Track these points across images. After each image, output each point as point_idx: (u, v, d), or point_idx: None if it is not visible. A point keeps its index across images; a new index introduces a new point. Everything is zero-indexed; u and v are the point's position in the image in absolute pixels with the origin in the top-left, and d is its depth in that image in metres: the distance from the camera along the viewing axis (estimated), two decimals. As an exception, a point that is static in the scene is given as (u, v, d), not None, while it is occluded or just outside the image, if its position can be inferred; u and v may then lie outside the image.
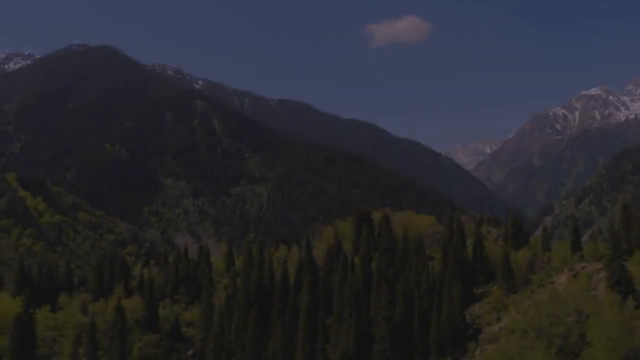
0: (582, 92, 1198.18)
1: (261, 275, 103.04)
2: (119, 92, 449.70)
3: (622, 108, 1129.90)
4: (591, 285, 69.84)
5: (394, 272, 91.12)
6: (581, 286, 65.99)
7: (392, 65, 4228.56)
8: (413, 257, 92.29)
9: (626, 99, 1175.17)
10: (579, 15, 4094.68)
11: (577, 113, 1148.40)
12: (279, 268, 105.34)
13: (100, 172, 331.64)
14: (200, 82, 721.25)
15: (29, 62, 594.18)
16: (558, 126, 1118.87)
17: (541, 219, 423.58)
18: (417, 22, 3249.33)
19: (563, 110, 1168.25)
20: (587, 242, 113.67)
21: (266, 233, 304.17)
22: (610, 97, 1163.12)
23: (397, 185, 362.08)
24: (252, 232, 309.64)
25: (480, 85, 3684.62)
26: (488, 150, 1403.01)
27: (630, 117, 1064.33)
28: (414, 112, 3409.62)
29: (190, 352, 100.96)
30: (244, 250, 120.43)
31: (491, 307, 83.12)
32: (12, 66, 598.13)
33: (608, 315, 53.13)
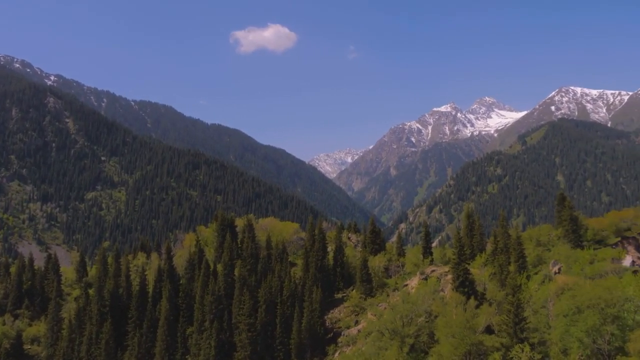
0: (435, 109, 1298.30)
1: (117, 284, 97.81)
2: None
3: (468, 125, 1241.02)
4: (439, 287, 75.04)
5: (256, 278, 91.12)
6: (430, 288, 70.68)
7: (258, 73, 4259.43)
8: (276, 264, 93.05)
9: (472, 116, 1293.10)
10: (433, 37, 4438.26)
11: (430, 128, 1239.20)
12: (136, 277, 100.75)
13: None
14: (52, 77, 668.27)
15: None
16: (413, 139, 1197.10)
17: (397, 226, 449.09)
18: (284, 31, 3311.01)
19: (418, 125, 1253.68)
20: (436, 247, 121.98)
21: (124, 241, 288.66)
22: (459, 115, 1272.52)
23: (261, 192, 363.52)
24: (108, 239, 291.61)
25: (344, 96, 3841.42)
26: (349, 160, 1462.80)
27: (475, 133, 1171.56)
28: (280, 119, 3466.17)
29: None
30: (98, 259, 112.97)
31: (350, 310, 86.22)
32: None
33: (453, 314, 57.44)
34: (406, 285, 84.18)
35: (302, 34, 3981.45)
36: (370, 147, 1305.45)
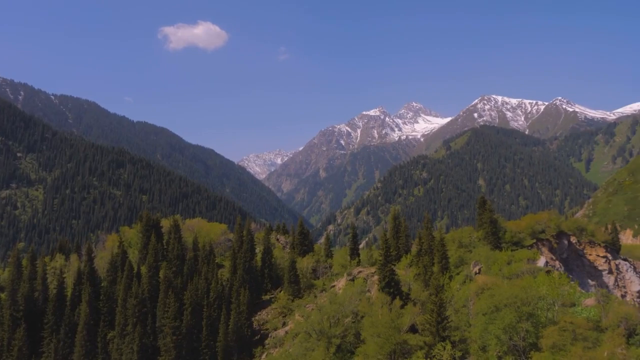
0: (364, 113, 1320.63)
1: (32, 288, 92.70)
2: None
3: (396, 129, 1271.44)
4: (366, 287, 76.23)
5: (182, 280, 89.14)
6: (357, 289, 71.66)
7: (188, 71, 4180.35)
8: (203, 265, 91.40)
9: (399, 121, 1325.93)
10: (364, 40, 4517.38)
11: (359, 131, 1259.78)
12: (54, 280, 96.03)
13: None
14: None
15: None
16: (342, 142, 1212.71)
17: (325, 228, 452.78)
18: (215, 29, 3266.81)
19: (347, 128, 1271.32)
20: (363, 249, 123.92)
21: (40, 242, 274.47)
22: (387, 119, 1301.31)
23: (189, 192, 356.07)
24: (23, 240, 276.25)
25: (274, 97, 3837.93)
26: (279, 161, 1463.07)
27: (402, 137, 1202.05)
28: (209, 119, 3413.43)
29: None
30: (11, 261, 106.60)
31: (278, 312, 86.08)
32: None
33: (379, 314, 58.46)
34: (333, 286, 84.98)
35: (233, 33, 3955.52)
36: (300, 148, 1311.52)
